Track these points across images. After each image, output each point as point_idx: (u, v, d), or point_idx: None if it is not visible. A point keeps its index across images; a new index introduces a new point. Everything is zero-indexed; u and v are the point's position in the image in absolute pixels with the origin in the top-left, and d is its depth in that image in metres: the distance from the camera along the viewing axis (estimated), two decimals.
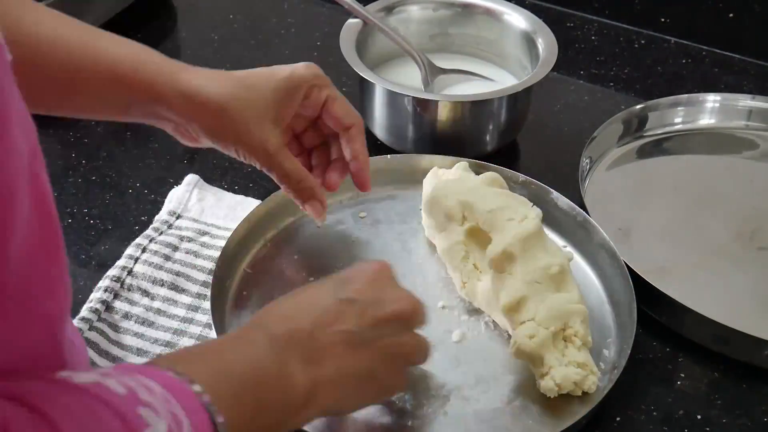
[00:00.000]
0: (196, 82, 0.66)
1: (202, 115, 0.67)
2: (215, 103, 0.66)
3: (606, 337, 0.73)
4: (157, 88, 0.66)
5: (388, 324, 0.58)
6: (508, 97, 0.88)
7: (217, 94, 0.66)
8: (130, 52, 0.66)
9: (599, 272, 0.78)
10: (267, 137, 0.68)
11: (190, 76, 0.66)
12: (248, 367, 0.52)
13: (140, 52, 0.67)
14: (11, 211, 0.39)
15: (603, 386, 0.67)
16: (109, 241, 0.82)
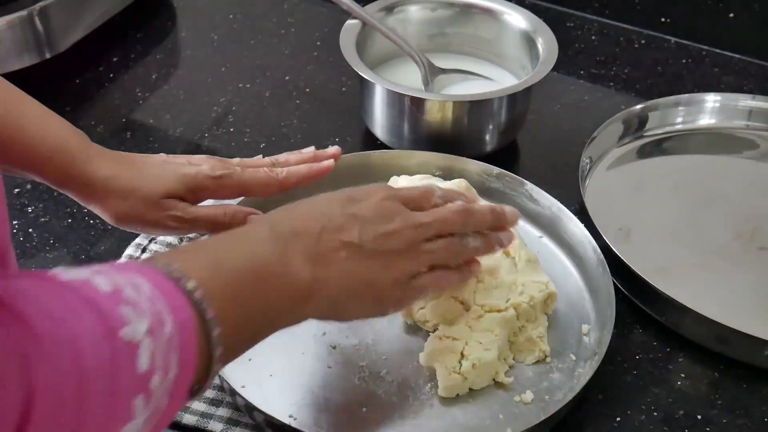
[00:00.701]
0: (101, 173, 0.69)
1: (102, 204, 0.71)
2: (114, 197, 0.70)
3: (585, 324, 0.74)
4: (65, 178, 0.69)
5: (388, 239, 0.61)
6: (508, 97, 0.88)
7: (117, 189, 0.70)
8: (48, 137, 0.69)
9: (576, 261, 0.79)
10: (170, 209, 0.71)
11: (98, 168, 0.69)
12: (248, 260, 0.54)
13: (58, 137, 0.69)
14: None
15: (584, 373, 0.68)
16: (109, 241, 0.82)
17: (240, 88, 1.03)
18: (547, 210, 0.82)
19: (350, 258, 0.59)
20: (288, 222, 0.59)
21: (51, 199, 0.87)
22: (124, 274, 0.46)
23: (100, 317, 0.42)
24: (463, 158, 0.85)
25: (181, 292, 0.48)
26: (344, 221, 0.60)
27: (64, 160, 0.69)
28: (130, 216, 0.71)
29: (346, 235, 0.59)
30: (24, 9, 0.94)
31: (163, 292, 0.46)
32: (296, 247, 0.57)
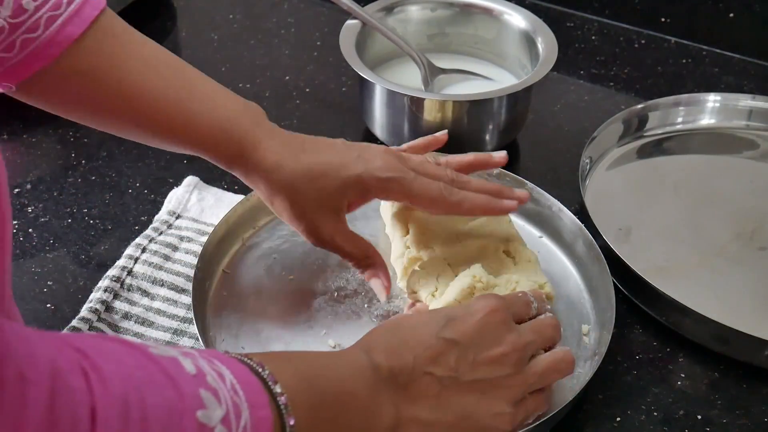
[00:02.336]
0: (268, 161, 0.67)
1: (263, 192, 0.69)
2: (276, 188, 0.68)
3: (585, 325, 0.74)
4: (232, 160, 0.68)
5: (489, 366, 0.57)
6: (508, 97, 0.88)
7: (280, 181, 0.67)
8: (218, 118, 0.67)
9: (576, 261, 0.79)
10: (321, 225, 0.69)
11: (266, 151, 0.67)
12: (338, 385, 0.53)
13: (229, 117, 0.68)
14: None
15: (584, 373, 0.68)
16: (109, 241, 0.82)
17: (240, 88, 1.03)
18: (547, 210, 0.82)
19: (443, 394, 0.56)
20: (386, 354, 0.56)
21: (51, 199, 0.87)
22: (211, 362, 0.46)
23: (178, 395, 0.42)
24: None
25: (264, 392, 0.47)
26: (441, 348, 0.56)
27: (231, 142, 0.67)
28: (285, 214, 0.69)
29: (440, 366, 0.56)
30: None
31: (245, 387, 0.46)
32: (387, 383, 0.54)
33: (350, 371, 0.54)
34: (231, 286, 0.77)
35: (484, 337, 0.58)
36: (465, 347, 0.57)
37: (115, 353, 0.42)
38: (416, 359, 0.55)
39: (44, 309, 0.75)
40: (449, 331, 0.57)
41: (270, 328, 0.73)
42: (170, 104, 0.66)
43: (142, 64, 0.66)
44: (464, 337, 0.57)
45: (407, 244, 0.76)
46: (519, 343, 0.59)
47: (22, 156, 0.92)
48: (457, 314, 0.59)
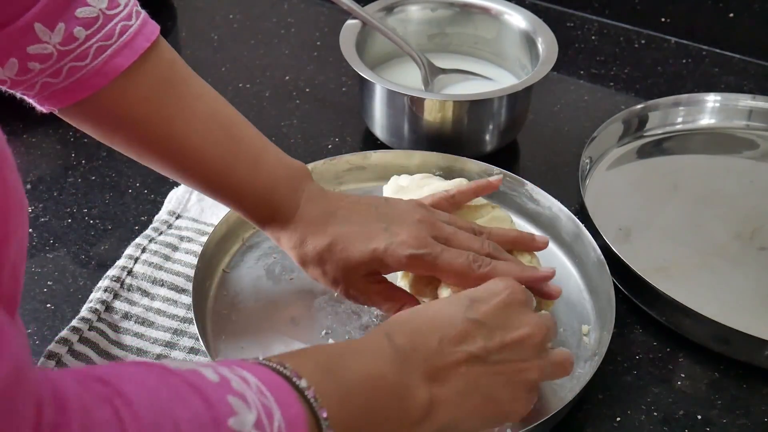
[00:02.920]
0: (298, 236, 0.68)
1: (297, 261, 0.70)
2: (305, 260, 0.69)
3: (585, 325, 0.74)
4: (269, 224, 0.69)
5: (514, 348, 0.57)
6: (508, 97, 0.88)
7: (307, 254, 0.68)
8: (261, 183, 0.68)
9: (576, 261, 0.79)
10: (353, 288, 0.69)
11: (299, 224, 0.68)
12: (364, 373, 0.52)
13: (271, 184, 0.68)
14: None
15: (584, 373, 0.68)
16: (109, 241, 0.82)
17: (240, 88, 1.03)
18: (547, 210, 0.82)
19: (471, 372, 0.55)
20: (406, 334, 0.55)
21: (51, 199, 0.87)
22: (231, 368, 0.45)
23: (207, 405, 0.41)
24: (464, 158, 0.85)
25: (291, 389, 0.46)
26: (466, 328, 0.56)
27: (268, 209, 0.68)
28: (321, 280, 0.69)
29: (468, 345, 0.55)
30: None
31: (271, 387, 0.45)
32: (415, 364, 0.54)
33: (373, 356, 0.53)
34: (231, 285, 0.77)
35: (509, 318, 0.58)
36: (491, 327, 0.57)
37: (136, 376, 0.41)
38: (442, 340, 0.55)
39: (44, 309, 0.75)
40: (474, 312, 0.57)
41: (270, 328, 0.73)
42: (214, 163, 0.66)
43: (192, 117, 0.65)
44: (489, 317, 0.57)
45: None
46: (542, 326, 0.59)
47: (22, 156, 0.92)
48: (479, 296, 0.59)
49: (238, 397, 0.42)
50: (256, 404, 0.43)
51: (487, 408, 0.57)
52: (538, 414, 0.66)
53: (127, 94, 0.63)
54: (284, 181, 0.68)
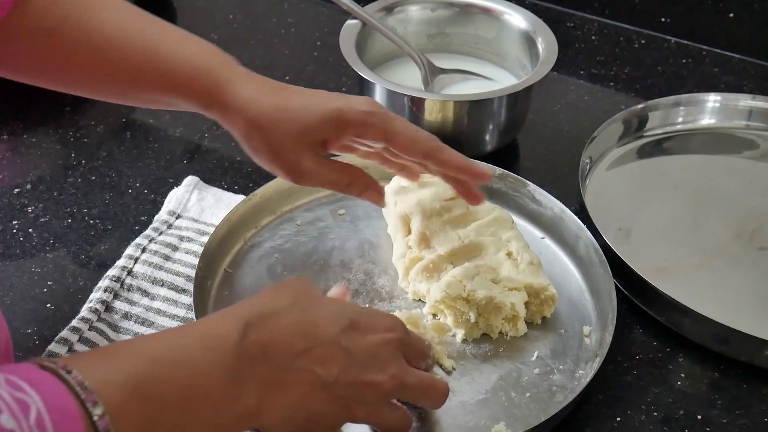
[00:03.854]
0: (245, 94, 0.66)
1: (240, 130, 0.67)
2: (253, 123, 0.66)
3: (587, 326, 0.74)
4: (207, 99, 0.67)
5: (361, 390, 0.56)
6: (508, 97, 0.88)
7: (258, 115, 0.66)
8: (189, 58, 0.66)
9: (578, 262, 0.79)
10: (300, 159, 0.67)
11: (241, 88, 0.66)
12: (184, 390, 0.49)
13: (200, 58, 0.67)
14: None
15: (585, 374, 0.68)
16: (109, 241, 0.82)
17: None
18: (549, 211, 0.82)
19: (312, 394, 0.54)
20: (267, 331, 0.53)
21: (51, 199, 0.87)
22: (17, 389, 0.41)
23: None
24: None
25: (82, 418, 0.43)
26: (331, 352, 0.54)
27: (207, 80, 0.66)
28: (260, 150, 0.67)
29: (323, 368, 0.54)
30: None
31: (57, 416, 0.41)
32: (257, 367, 0.52)
33: (209, 360, 0.50)
34: (232, 285, 0.77)
35: (375, 358, 0.56)
36: (352, 362, 0.55)
37: None
38: (302, 352, 0.53)
39: (44, 309, 0.75)
40: (347, 340, 0.55)
41: None
42: (140, 50, 0.65)
43: (110, 12, 0.65)
44: (357, 351, 0.56)
45: (409, 245, 0.76)
46: (398, 379, 0.57)
47: (22, 156, 0.92)
48: (361, 322, 0.57)
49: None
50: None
51: (305, 425, 0.55)
52: (539, 414, 0.66)
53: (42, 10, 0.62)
54: (216, 55, 0.68)
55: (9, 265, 0.79)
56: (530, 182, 0.83)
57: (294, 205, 0.84)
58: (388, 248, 0.80)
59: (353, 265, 0.79)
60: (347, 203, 0.85)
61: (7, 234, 0.82)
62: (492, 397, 0.68)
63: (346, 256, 0.80)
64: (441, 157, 0.68)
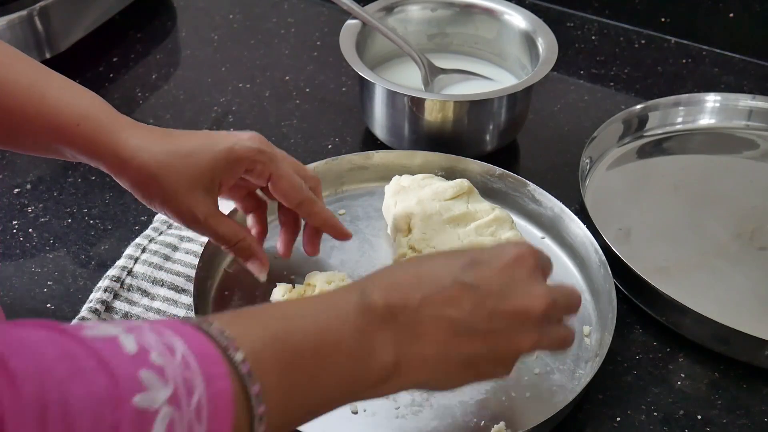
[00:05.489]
0: (133, 144, 0.65)
1: (132, 178, 0.66)
2: (146, 170, 0.65)
3: (587, 326, 0.74)
4: (95, 147, 0.65)
5: (506, 318, 0.53)
6: (508, 97, 0.88)
7: (149, 161, 0.65)
8: (77, 104, 0.65)
9: (578, 263, 0.79)
10: (195, 205, 0.67)
11: (129, 136, 0.65)
12: (318, 338, 0.49)
13: (87, 105, 0.66)
14: None
15: (585, 374, 0.69)
16: (109, 241, 0.82)
17: (240, 88, 1.03)
18: (549, 211, 0.82)
19: (450, 339, 0.51)
20: (384, 289, 0.52)
21: (51, 199, 0.87)
22: (161, 334, 0.43)
23: (111, 381, 0.39)
24: (466, 158, 0.85)
25: (223, 361, 0.44)
26: (455, 291, 0.52)
27: (92, 127, 0.65)
28: (153, 196, 0.66)
29: (454, 310, 0.51)
30: (24, 9, 0.94)
31: (201, 358, 0.43)
32: (384, 323, 0.51)
33: (336, 316, 0.50)
34: (232, 285, 0.77)
35: (510, 285, 0.53)
36: (484, 294, 0.52)
37: (33, 347, 0.38)
38: (424, 300, 0.51)
39: (44, 309, 0.75)
40: (469, 274, 0.53)
41: None
42: (26, 92, 0.64)
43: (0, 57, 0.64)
44: (485, 282, 0.52)
45: (409, 245, 0.76)
46: (546, 300, 0.54)
47: (22, 156, 0.92)
48: (482, 258, 0.54)
49: (153, 371, 0.40)
50: (175, 378, 0.41)
51: (463, 373, 0.54)
52: (539, 414, 0.66)
53: None
54: (102, 107, 0.66)
55: (9, 265, 0.79)
56: (530, 182, 0.83)
57: None
58: (388, 248, 0.80)
59: (354, 265, 0.79)
60: (347, 203, 0.85)
61: (7, 234, 0.82)
62: (492, 397, 0.68)
63: (346, 256, 0.80)
64: (312, 209, 0.72)
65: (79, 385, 0.38)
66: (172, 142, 0.66)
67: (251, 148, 0.67)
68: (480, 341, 0.53)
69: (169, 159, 0.65)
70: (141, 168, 0.65)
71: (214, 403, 0.42)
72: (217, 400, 0.43)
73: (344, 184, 0.86)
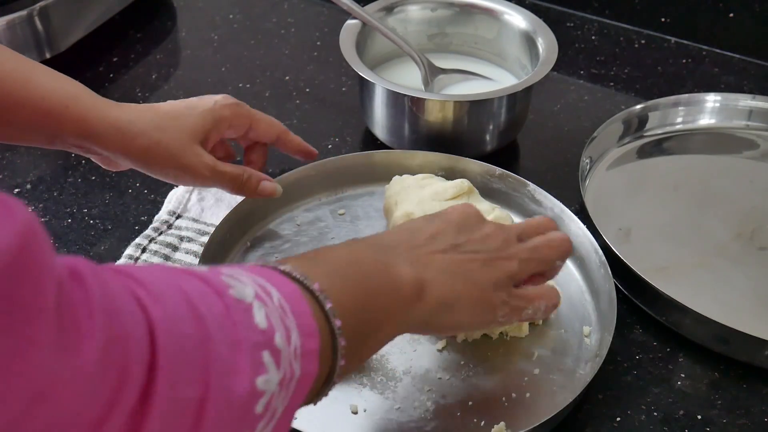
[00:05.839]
0: (126, 117, 0.70)
1: (137, 148, 0.70)
2: (147, 136, 0.70)
3: (587, 326, 0.74)
4: (88, 123, 0.68)
5: (483, 242, 0.61)
6: (508, 97, 0.88)
7: (147, 128, 0.70)
8: (62, 87, 0.68)
9: (578, 263, 0.79)
10: (201, 155, 0.73)
11: (120, 112, 0.70)
12: (353, 264, 0.54)
13: (72, 88, 0.69)
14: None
15: (585, 375, 0.68)
16: (109, 241, 0.82)
17: (240, 88, 1.03)
18: (549, 211, 0.81)
19: (448, 258, 0.59)
20: (382, 237, 0.60)
21: (51, 199, 0.87)
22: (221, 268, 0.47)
23: (205, 282, 0.43)
24: (466, 159, 0.85)
25: (279, 272, 0.49)
26: (436, 229, 0.60)
27: (82, 107, 0.68)
28: (159, 159, 0.71)
29: (439, 241, 0.60)
30: (24, 9, 0.94)
31: (260, 273, 0.47)
32: (396, 252, 0.57)
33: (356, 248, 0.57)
34: None
35: (467, 221, 0.62)
36: (457, 229, 0.61)
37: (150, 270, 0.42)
38: (415, 238, 0.59)
39: None
40: (439, 221, 0.62)
41: None
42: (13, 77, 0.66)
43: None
44: (451, 222, 0.61)
45: None
46: (502, 227, 0.63)
47: (22, 156, 0.92)
48: (438, 214, 0.63)
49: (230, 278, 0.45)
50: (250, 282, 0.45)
51: (473, 291, 0.59)
52: (539, 415, 0.66)
53: None
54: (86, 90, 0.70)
55: None
56: (530, 182, 0.83)
57: (294, 206, 0.84)
58: None
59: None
60: (347, 203, 0.85)
61: None
62: (492, 397, 0.68)
63: None
64: (288, 138, 0.81)
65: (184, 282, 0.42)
66: (158, 111, 0.72)
67: (229, 104, 0.76)
68: (470, 259, 0.60)
69: (164, 123, 0.71)
70: (143, 135, 0.70)
71: (291, 301, 0.46)
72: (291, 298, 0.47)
73: (344, 184, 0.86)
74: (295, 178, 0.83)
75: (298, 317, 0.46)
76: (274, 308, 0.45)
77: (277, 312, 0.45)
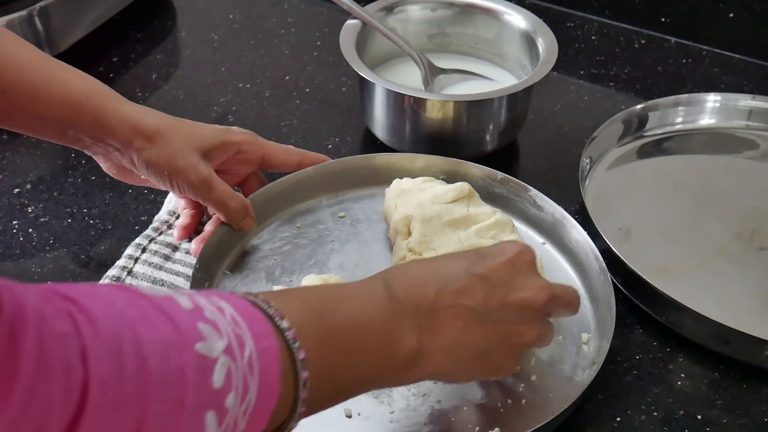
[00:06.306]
0: (142, 113, 0.72)
1: (140, 139, 0.71)
2: (155, 128, 0.72)
3: (585, 333, 0.73)
4: (105, 114, 0.70)
5: (514, 309, 0.57)
6: (508, 97, 0.88)
7: (157, 121, 0.72)
8: (85, 79, 0.71)
9: (578, 269, 0.78)
10: (198, 163, 0.73)
11: (137, 109, 0.72)
12: (352, 317, 0.52)
13: (94, 82, 0.71)
14: None
15: (583, 381, 0.68)
16: (109, 241, 0.82)
17: (240, 88, 1.03)
18: (550, 216, 0.81)
19: (467, 326, 0.55)
20: (405, 282, 0.55)
21: (51, 199, 0.87)
22: (209, 298, 0.46)
23: (174, 329, 0.42)
24: (467, 162, 0.84)
25: (266, 321, 0.47)
26: (469, 282, 0.56)
27: (102, 99, 0.70)
28: (159, 155, 0.72)
29: (467, 299, 0.55)
30: (24, 9, 0.94)
31: (247, 318, 0.46)
32: (408, 312, 0.54)
33: (364, 301, 0.53)
34: (231, 287, 0.77)
35: (514, 277, 0.57)
36: (494, 284, 0.56)
37: (104, 296, 0.41)
38: (440, 291, 0.55)
39: None
40: (479, 267, 0.57)
41: None
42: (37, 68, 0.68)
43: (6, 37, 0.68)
44: (494, 273, 0.57)
45: (409, 248, 0.76)
46: (547, 291, 0.58)
47: (22, 156, 0.92)
48: (488, 252, 0.59)
49: (209, 325, 0.43)
50: (227, 332, 0.44)
51: (477, 364, 0.57)
52: (534, 420, 0.65)
53: None
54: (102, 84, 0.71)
55: (9, 265, 0.79)
56: (532, 187, 0.82)
57: (293, 208, 0.84)
58: (387, 251, 0.80)
59: (353, 268, 0.78)
60: (347, 206, 0.85)
61: (7, 234, 0.82)
62: (487, 402, 0.68)
63: (345, 259, 0.79)
64: (309, 161, 0.83)
65: (147, 329, 0.41)
66: (175, 118, 0.74)
67: (242, 132, 0.79)
68: (492, 330, 0.57)
69: (174, 123, 0.73)
70: (150, 126, 0.72)
71: (264, 359, 0.45)
72: (265, 354, 0.45)
73: (345, 186, 0.86)
74: (296, 179, 0.83)
75: (264, 377, 0.45)
76: (241, 365, 0.44)
77: (241, 369, 0.44)
